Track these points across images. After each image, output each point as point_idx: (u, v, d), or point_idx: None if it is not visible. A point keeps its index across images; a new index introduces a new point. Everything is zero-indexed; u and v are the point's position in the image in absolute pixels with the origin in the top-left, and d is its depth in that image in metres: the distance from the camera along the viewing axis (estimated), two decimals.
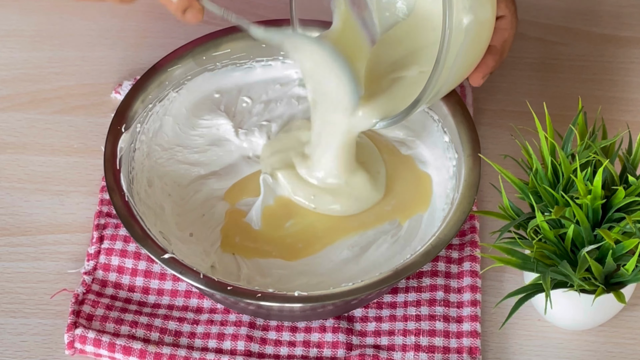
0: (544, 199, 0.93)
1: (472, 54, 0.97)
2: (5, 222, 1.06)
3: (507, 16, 1.03)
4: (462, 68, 0.97)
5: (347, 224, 1.04)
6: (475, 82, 1.02)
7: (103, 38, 1.20)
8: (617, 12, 1.22)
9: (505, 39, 1.03)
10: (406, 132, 1.09)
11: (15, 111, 1.14)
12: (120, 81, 1.16)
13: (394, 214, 1.04)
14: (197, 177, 1.07)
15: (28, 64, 1.18)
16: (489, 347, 0.98)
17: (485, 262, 1.02)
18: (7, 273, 1.03)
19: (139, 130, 1.06)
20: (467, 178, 1.00)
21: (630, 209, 0.92)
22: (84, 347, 0.97)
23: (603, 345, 0.98)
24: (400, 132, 1.09)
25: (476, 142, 1.02)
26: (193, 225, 1.03)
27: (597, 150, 0.93)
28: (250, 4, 1.23)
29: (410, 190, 1.06)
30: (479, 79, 1.02)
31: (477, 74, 1.02)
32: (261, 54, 1.11)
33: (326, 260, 1.01)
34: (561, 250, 0.92)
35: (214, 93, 1.11)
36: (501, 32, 1.02)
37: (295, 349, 0.98)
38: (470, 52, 0.96)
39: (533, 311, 1.00)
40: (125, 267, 1.02)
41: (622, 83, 1.16)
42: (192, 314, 1.00)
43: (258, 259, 1.02)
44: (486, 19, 0.96)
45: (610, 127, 1.06)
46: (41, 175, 1.09)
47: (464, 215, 0.97)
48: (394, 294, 1.01)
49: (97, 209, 1.06)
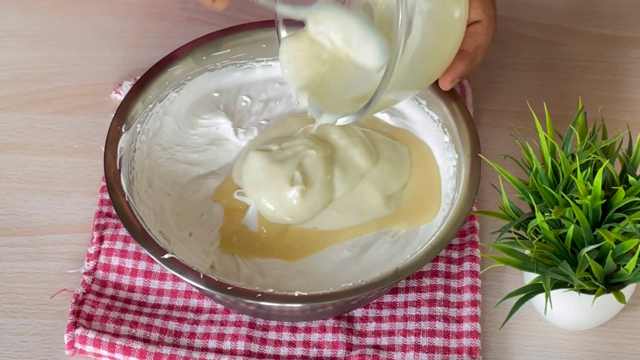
0: (544, 199, 0.93)
1: (436, 54, 0.95)
2: (5, 222, 1.06)
3: (484, 21, 1.02)
4: (424, 69, 0.95)
5: (346, 230, 1.04)
6: (444, 85, 1.01)
7: (103, 38, 1.20)
8: (617, 12, 1.22)
9: (479, 45, 1.01)
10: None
11: (15, 111, 1.14)
12: (120, 81, 1.16)
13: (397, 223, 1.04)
14: (196, 176, 1.07)
15: (28, 64, 1.18)
16: (489, 347, 0.98)
17: (485, 262, 1.02)
18: (7, 273, 1.03)
19: (139, 130, 1.06)
20: (467, 178, 1.00)
21: (630, 209, 0.92)
22: (84, 347, 0.97)
23: (603, 345, 0.98)
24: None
25: (476, 142, 1.02)
26: (192, 224, 1.03)
27: (597, 150, 0.93)
28: (250, 4, 1.23)
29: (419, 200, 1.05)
30: (447, 83, 1.01)
31: (445, 77, 1.00)
32: (261, 54, 1.11)
33: (326, 260, 1.01)
34: (561, 251, 0.92)
35: (213, 92, 1.11)
36: (475, 36, 1.01)
37: (295, 349, 0.98)
38: (432, 53, 0.94)
39: (533, 311, 1.00)
40: (125, 267, 1.02)
41: (622, 83, 1.16)
42: (192, 314, 1.00)
43: (258, 259, 1.02)
44: (452, 19, 0.95)
45: (610, 127, 1.06)
46: (41, 175, 1.09)
47: (464, 215, 0.97)
48: (394, 294, 1.01)
49: (97, 209, 1.06)
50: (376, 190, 1.04)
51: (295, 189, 1.02)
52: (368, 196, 1.04)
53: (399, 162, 1.06)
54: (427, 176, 1.06)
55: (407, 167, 1.06)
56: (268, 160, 1.04)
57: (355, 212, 1.03)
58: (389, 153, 1.06)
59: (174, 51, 1.09)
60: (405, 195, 1.05)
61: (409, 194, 1.05)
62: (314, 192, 1.03)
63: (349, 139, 1.06)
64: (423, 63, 0.94)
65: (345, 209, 1.03)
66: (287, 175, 1.03)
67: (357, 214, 1.03)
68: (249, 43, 1.11)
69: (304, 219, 1.03)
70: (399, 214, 1.04)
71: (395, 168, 1.06)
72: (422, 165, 1.07)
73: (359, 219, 1.03)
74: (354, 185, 1.04)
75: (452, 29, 0.96)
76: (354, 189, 1.04)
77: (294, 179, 1.02)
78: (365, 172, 1.05)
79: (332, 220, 1.03)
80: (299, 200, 1.02)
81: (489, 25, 1.02)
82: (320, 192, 1.03)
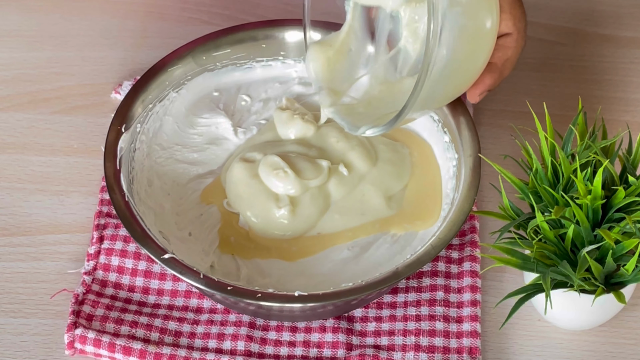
0: (544, 199, 0.93)
1: (465, 68, 0.95)
2: (5, 222, 1.06)
3: (514, 34, 1.00)
4: (453, 82, 0.95)
5: (348, 231, 1.04)
6: (472, 99, 1.01)
7: (103, 38, 1.20)
8: (617, 12, 1.22)
9: (508, 58, 1.00)
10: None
11: (15, 111, 1.14)
12: (120, 81, 1.16)
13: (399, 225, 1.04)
14: (195, 176, 1.07)
15: (28, 64, 1.18)
16: (489, 347, 0.98)
17: (485, 262, 1.02)
18: (7, 273, 1.03)
19: (139, 130, 1.06)
20: (467, 178, 1.00)
21: (630, 209, 0.92)
22: (84, 347, 0.97)
23: (603, 345, 0.98)
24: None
25: (476, 142, 1.02)
26: (192, 224, 1.03)
27: (597, 150, 0.93)
28: (250, 3, 1.23)
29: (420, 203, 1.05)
30: (475, 96, 1.00)
31: (474, 90, 1.00)
32: (261, 54, 1.11)
33: (326, 260, 1.01)
34: (561, 250, 0.92)
35: (213, 91, 1.11)
36: (504, 49, 1.00)
37: (295, 349, 0.98)
38: (462, 66, 0.94)
39: (533, 311, 1.00)
40: (125, 267, 1.02)
41: (622, 83, 1.16)
42: (192, 314, 1.00)
43: (257, 259, 1.02)
44: (482, 32, 0.95)
45: (610, 127, 1.06)
46: (41, 175, 1.09)
47: (464, 215, 0.97)
48: (394, 294, 1.01)
49: (97, 209, 1.06)
50: (377, 191, 1.04)
51: (284, 210, 1.02)
52: (369, 197, 1.04)
53: (399, 163, 1.06)
54: (429, 177, 1.06)
55: (408, 167, 1.06)
56: (249, 173, 1.03)
57: (358, 213, 1.03)
58: (389, 154, 1.06)
59: (174, 51, 1.09)
60: (407, 196, 1.05)
61: (410, 195, 1.05)
62: (305, 206, 1.02)
63: (347, 143, 1.06)
64: (452, 77, 0.94)
65: (347, 210, 1.03)
66: (269, 192, 1.02)
67: (360, 214, 1.03)
68: (249, 43, 1.11)
69: (300, 232, 1.03)
70: (401, 216, 1.04)
71: (396, 169, 1.06)
72: (424, 166, 1.06)
73: (362, 220, 1.03)
74: (353, 188, 1.04)
75: (482, 43, 0.95)
76: (354, 190, 1.04)
77: (279, 199, 1.02)
78: (363, 174, 1.05)
79: (335, 223, 1.03)
80: (289, 219, 1.02)
81: (518, 38, 1.01)
82: (313, 204, 1.02)
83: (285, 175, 1.02)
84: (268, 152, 1.05)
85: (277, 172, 1.02)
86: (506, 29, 1.00)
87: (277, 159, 1.02)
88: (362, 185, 1.04)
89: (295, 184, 1.02)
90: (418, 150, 1.07)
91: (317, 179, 1.02)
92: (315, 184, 1.02)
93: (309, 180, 1.02)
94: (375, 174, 1.05)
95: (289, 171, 1.02)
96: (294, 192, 1.02)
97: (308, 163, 1.03)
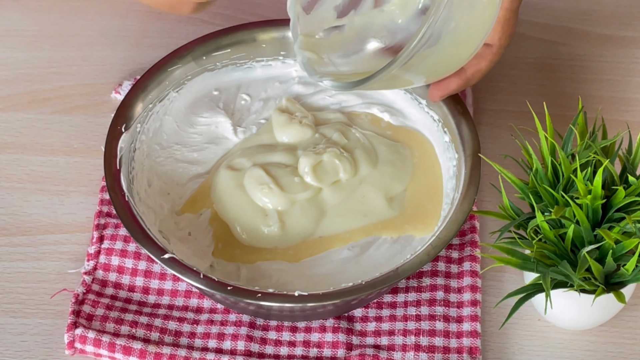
0: (544, 199, 0.93)
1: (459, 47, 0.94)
2: (5, 222, 1.06)
3: (494, 47, 1.00)
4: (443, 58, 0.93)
5: (349, 232, 1.03)
6: (433, 97, 1.00)
7: (103, 38, 1.20)
8: (617, 12, 1.22)
9: (479, 68, 1.00)
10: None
11: (15, 111, 1.14)
12: (120, 81, 1.16)
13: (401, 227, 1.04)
14: (195, 175, 1.07)
15: (28, 64, 1.18)
16: (489, 347, 0.98)
17: (485, 262, 1.02)
18: (7, 273, 1.03)
19: (139, 130, 1.06)
20: (467, 178, 1.00)
21: (630, 209, 0.92)
22: (84, 347, 0.97)
23: (603, 345, 0.98)
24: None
25: (476, 142, 1.02)
26: (191, 224, 1.03)
27: (597, 150, 0.93)
28: (250, 3, 1.23)
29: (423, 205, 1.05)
30: (436, 97, 1.00)
31: (436, 91, 1.00)
32: (261, 54, 1.11)
33: (326, 260, 1.01)
34: (561, 250, 0.92)
35: (212, 90, 1.11)
36: (479, 59, 0.99)
37: (295, 349, 0.98)
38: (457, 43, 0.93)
39: (533, 311, 1.00)
40: (125, 267, 1.02)
41: (622, 83, 1.16)
42: (192, 314, 1.00)
43: (258, 261, 1.01)
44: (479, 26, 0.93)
45: (610, 127, 1.06)
46: (41, 175, 1.09)
47: (464, 215, 0.97)
48: (394, 294, 1.01)
49: (97, 209, 1.06)
50: (377, 192, 1.04)
51: (274, 227, 1.01)
52: (370, 198, 1.04)
53: (400, 165, 1.06)
54: (430, 178, 1.06)
55: (409, 168, 1.06)
56: (234, 182, 1.03)
57: (359, 214, 1.03)
58: (390, 156, 1.06)
59: (174, 51, 1.09)
60: (408, 197, 1.05)
61: (412, 196, 1.05)
62: (295, 219, 1.01)
63: (347, 144, 1.06)
64: (446, 50, 0.92)
65: (348, 212, 1.03)
66: (255, 206, 1.02)
67: (362, 215, 1.03)
68: (249, 43, 1.11)
69: (297, 241, 1.02)
70: (403, 218, 1.03)
71: (396, 170, 1.05)
72: (425, 167, 1.06)
73: (364, 221, 1.03)
74: (353, 191, 1.04)
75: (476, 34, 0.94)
76: (355, 192, 1.04)
77: (267, 214, 1.02)
78: (364, 176, 1.04)
79: (336, 226, 1.03)
80: (280, 235, 1.01)
81: (497, 52, 1.00)
82: (304, 215, 1.02)
83: (269, 191, 1.01)
84: (256, 159, 1.04)
85: (262, 188, 1.02)
86: (490, 40, 0.99)
87: (262, 173, 1.02)
88: (362, 187, 1.04)
89: (280, 199, 1.01)
90: (419, 150, 1.07)
91: (304, 192, 1.02)
92: (303, 197, 1.02)
93: (296, 194, 1.02)
94: (376, 176, 1.05)
95: (273, 187, 1.01)
96: (280, 207, 1.02)
97: (293, 177, 1.03)
